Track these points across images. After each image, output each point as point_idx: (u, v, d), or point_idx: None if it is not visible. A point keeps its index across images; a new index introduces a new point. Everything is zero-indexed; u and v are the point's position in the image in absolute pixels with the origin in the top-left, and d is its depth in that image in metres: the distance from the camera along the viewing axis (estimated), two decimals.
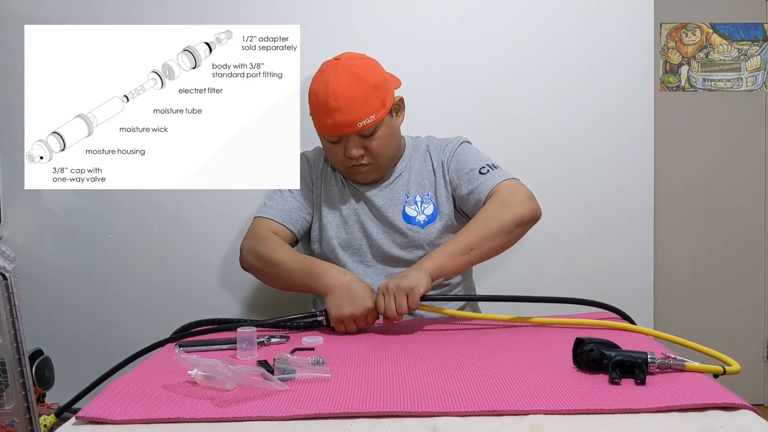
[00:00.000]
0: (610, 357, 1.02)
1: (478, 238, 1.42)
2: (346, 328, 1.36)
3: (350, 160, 1.52)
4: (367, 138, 1.50)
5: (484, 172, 1.53)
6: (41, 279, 1.93)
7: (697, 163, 2.85)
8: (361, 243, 1.58)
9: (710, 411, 0.90)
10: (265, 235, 1.54)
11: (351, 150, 1.50)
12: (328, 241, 1.58)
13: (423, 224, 1.57)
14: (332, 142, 1.52)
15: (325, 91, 1.47)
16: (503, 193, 1.48)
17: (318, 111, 1.50)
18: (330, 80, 1.48)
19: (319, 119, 1.51)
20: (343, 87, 1.46)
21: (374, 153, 1.52)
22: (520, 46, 1.93)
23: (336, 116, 1.46)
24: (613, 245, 1.97)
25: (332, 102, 1.46)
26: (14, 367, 0.93)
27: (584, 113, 1.95)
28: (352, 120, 1.47)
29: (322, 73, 1.52)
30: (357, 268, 1.57)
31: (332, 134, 1.50)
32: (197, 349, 1.23)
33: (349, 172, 1.57)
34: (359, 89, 1.47)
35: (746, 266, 2.88)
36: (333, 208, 1.60)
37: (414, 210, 1.58)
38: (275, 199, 1.61)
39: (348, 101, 1.46)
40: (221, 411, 0.91)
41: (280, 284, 1.54)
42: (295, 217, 1.59)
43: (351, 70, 1.49)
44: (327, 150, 1.57)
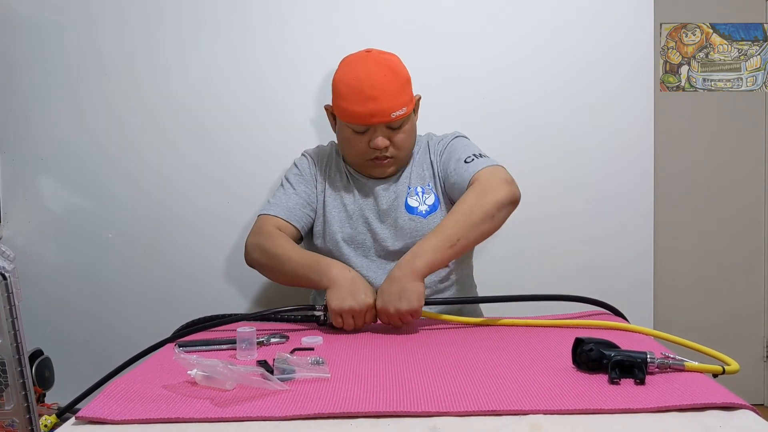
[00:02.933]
0: (610, 357, 1.02)
1: (464, 227, 1.43)
2: (343, 322, 1.36)
3: (374, 152, 1.54)
4: (393, 130, 1.53)
5: (468, 161, 1.55)
6: (41, 279, 1.93)
7: (696, 163, 2.85)
8: (365, 238, 1.59)
9: (710, 411, 0.90)
10: (269, 230, 1.55)
11: (377, 140, 1.51)
12: (332, 236, 1.59)
13: (425, 214, 1.58)
14: (358, 132, 1.53)
15: (360, 80, 1.49)
16: (483, 180, 1.49)
17: (350, 100, 1.50)
18: (365, 70, 1.50)
19: (349, 108, 1.51)
20: (379, 77, 1.49)
21: (399, 146, 1.55)
22: (520, 46, 1.94)
23: (370, 105, 1.48)
24: (613, 245, 1.97)
25: (368, 90, 1.48)
26: (14, 367, 0.93)
27: (584, 113, 1.95)
28: (386, 109, 1.49)
29: (351, 63, 1.54)
30: (360, 262, 1.57)
31: (364, 123, 1.51)
32: (197, 349, 1.23)
33: (368, 165, 1.58)
34: (394, 81, 1.51)
35: (746, 266, 2.88)
36: (338, 203, 1.61)
37: (416, 200, 1.59)
38: (278, 196, 1.62)
39: (384, 91, 1.49)
40: (221, 411, 0.91)
41: (284, 279, 1.55)
42: (298, 214, 1.60)
43: (385, 63, 1.53)
44: (347, 141, 1.56)
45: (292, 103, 1.93)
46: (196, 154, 1.93)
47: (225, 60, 1.92)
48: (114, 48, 1.90)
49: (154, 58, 1.91)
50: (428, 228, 1.55)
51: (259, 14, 1.91)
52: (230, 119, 1.93)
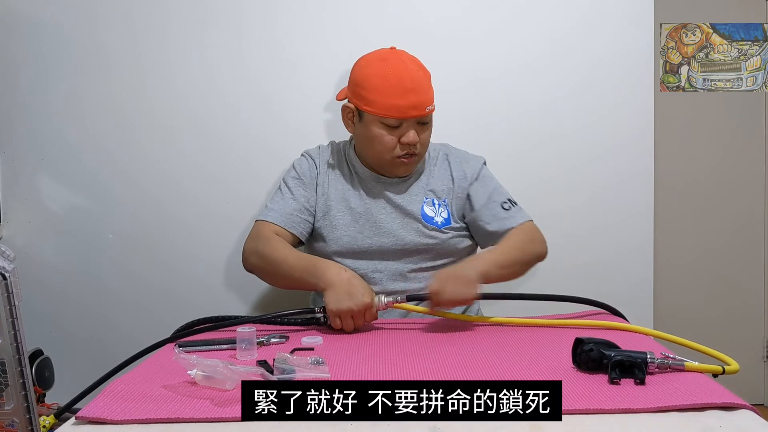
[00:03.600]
0: (610, 357, 1.02)
1: (514, 259, 1.52)
2: (342, 323, 1.36)
3: (402, 148, 1.54)
4: (422, 126, 1.55)
5: (506, 207, 1.60)
6: (41, 279, 1.93)
7: (696, 163, 2.85)
8: (372, 241, 1.58)
9: (710, 411, 0.90)
10: (267, 235, 1.55)
11: (410, 134, 1.52)
12: (336, 240, 1.58)
13: (440, 225, 1.59)
14: (393, 126, 1.53)
15: (398, 73, 1.51)
16: (529, 231, 1.59)
17: (388, 93, 1.50)
18: (402, 64, 1.53)
19: (387, 102, 1.50)
20: (415, 71, 1.53)
21: (423, 143, 1.57)
22: (520, 45, 1.94)
23: (411, 97, 1.50)
24: (613, 245, 1.97)
25: (407, 83, 1.50)
26: (14, 367, 0.93)
27: (584, 113, 1.95)
28: (424, 102, 1.52)
29: (383, 59, 1.55)
30: (365, 265, 1.57)
31: (402, 116, 1.51)
32: (197, 349, 1.23)
33: (393, 163, 1.57)
34: (425, 76, 1.55)
35: (746, 266, 2.88)
36: (342, 205, 1.60)
37: (432, 211, 1.61)
38: (276, 201, 1.61)
39: (420, 84, 1.52)
40: (221, 411, 0.91)
41: (282, 283, 1.55)
42: (296, 220, 1.59)
43: (415, 59, 1.56)
44: (376, 139, 1.54)
45: (294, 103, 1.92)
46: (197, 154, 1.93)
47: (226, 59, 1.91)
48: (114, 47, 1.90)
49: (154, 57, 1.91)
50: (443, 237, 1.57)
51: (260, 13, 1.91)
52: (232, 118, 1.92)
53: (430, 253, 1.58)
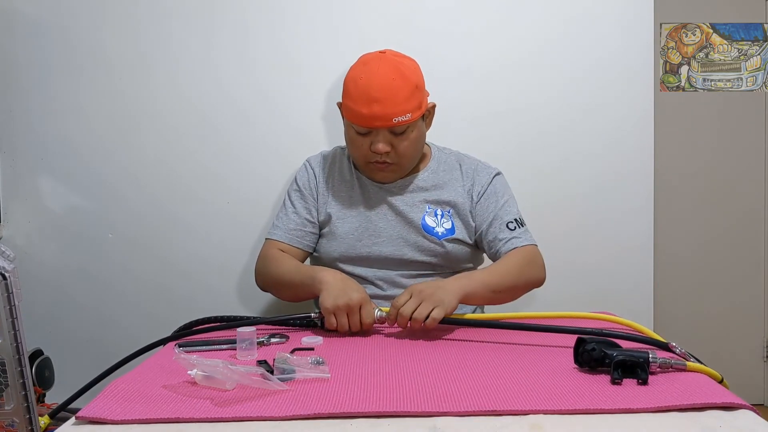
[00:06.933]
0: (612, 356, 1.02)
1: (508, 283, 1.47)
2: (337, 321, 1.33)
3: (374, 155, 1.52)
4: (397, 136, 1.50)
5: (512, 228, 1.56)
6: (41, 279, 1.93)
7: (696, 163, 2.85)
8: (371, 250, 1.57)
9: (710, 411, 0.90)
10: (273, 254, 1.58)
11: (378, 144, 1.49)
12: (336, 247, 1.58)
13: (440, 236, 1.57)
14: (361, 134, 1.51)
15: (368, 80, 1.47)
16: (529, 254, 1.54)
17: (355, 100, 1.48)
18: (374, 71, 1.48)
19: (354, 108, 1.49)
20: (386, 80, 1.46)
21: (401, 153, 1.53)
22: (520, 45, 1.94)
23: (374, 107, 1.45)
24: (613, 244, 1.97)
25: (374, 93, 1.45)
26: (14, 367, 0.92)
27: (584, 113, 1.95)
28: (389, 114, 1.46)
29: (366, 63, 1.52)
30: (365, 272, 1.57)
31: (365, 125, 1.49)
32: (197, 349, 1.23)
33: (368, 168, 1.57)
34: (402, 85, 1.47)
35: (746, 266, 2.88)
36: (343, 213, 1.60)
37: (433, 221, 1.58)
38: (281, 218, 1.63)
39: (389, 95, 1.46)
40: (221, 411, 0.91)
41: (289, 296, 1.59)
42: (299, 234, 1.61)
43: (396, 66, 1.49)
44: (351, 141, 1.55)
45: (299, 103, 1.92)
46: (197, 154, 1.93)
47: (230, 59, 1.91)
48: (116, 46, 1.90)
49: (157, 57, 1.91)
50: (442, 249, 1.56)
51: (265, 13, 1.90)
52: (233, 118, 1.92)
53: (428, 263, 1.57)
